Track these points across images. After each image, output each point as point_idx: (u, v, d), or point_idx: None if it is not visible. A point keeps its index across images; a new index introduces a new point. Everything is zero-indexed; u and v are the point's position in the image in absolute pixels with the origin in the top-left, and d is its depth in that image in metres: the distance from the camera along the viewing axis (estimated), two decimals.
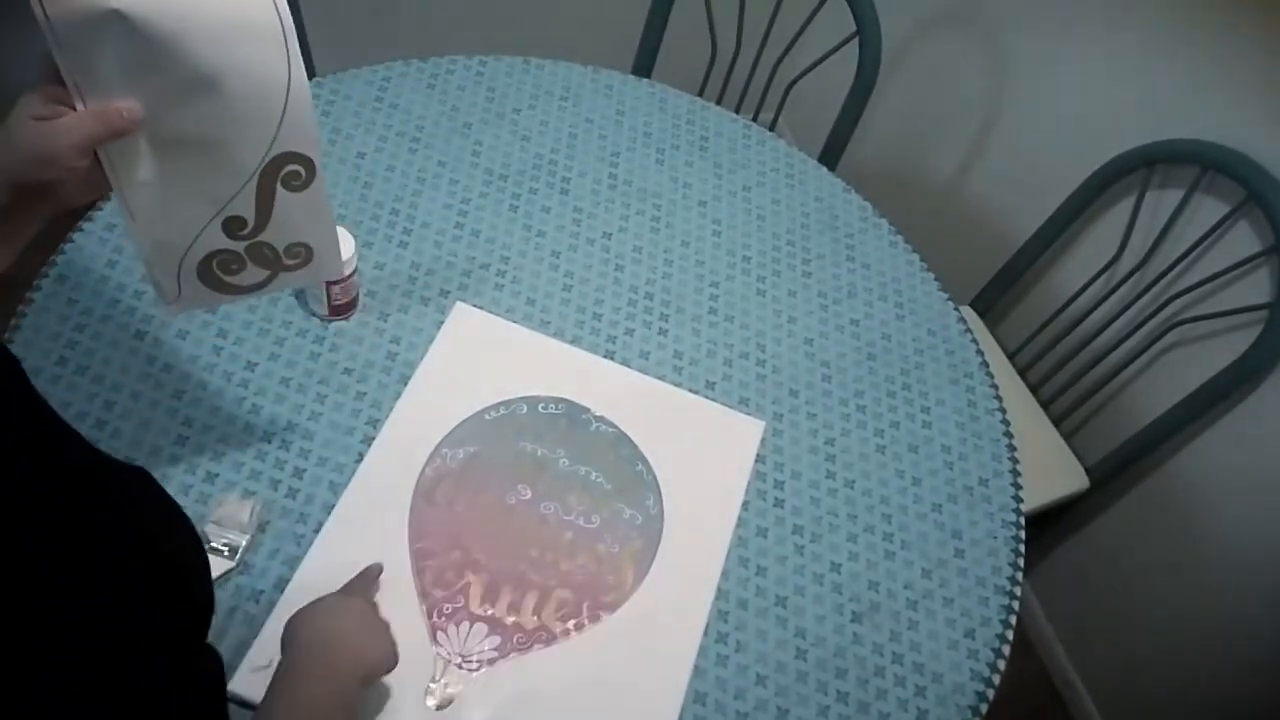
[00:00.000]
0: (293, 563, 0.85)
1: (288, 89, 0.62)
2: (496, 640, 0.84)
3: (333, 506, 0.89)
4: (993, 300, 1.68)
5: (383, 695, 0.79)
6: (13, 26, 1.78)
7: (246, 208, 0.67)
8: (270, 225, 0.69)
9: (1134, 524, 1.57)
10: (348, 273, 0.96)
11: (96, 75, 0.57)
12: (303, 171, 0.66)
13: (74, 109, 0.58)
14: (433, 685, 0.81)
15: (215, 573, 0.82)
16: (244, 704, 0.77)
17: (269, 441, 0.92)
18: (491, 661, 0.83)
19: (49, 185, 0.58)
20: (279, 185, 0.67)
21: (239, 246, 0.70)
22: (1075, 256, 1.60)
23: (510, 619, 0.86)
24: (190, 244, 0.68)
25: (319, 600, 0.72)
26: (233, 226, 0.68)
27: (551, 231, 1.16)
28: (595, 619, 0.87)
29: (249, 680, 0.77)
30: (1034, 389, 1.61)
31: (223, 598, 0.82)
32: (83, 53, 0.56)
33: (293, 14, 1.32)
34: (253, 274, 0.72)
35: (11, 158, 0.57)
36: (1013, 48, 1.69)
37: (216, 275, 0.71)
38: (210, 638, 0.79)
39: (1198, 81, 1.36)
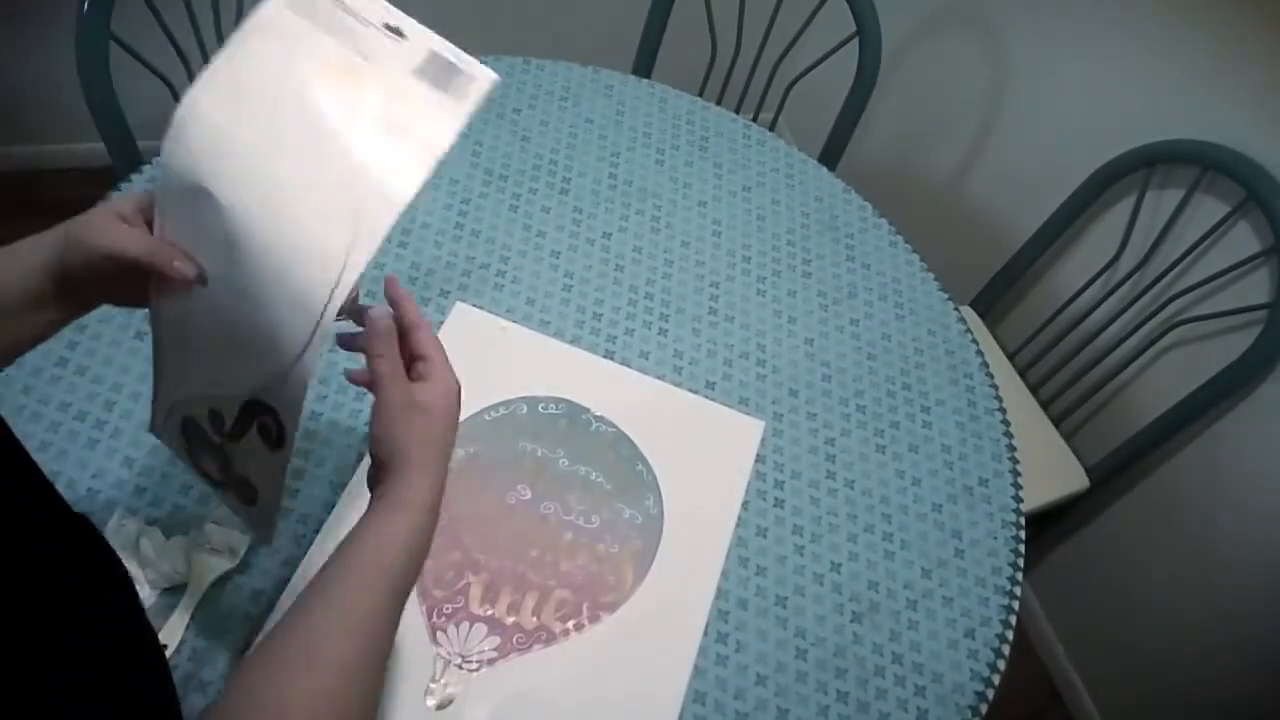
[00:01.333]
0: (293, 563, 0.85)
1: (292, 365, 0.59)
2: (496, 640, 0.84)
3: (333, 506, 0.89)
4: (993, 300, 1.68)
5: (382, 694, 0.79)
6: (12, 31, 1.78)
7: (230, 414, 0.66)
8: (238, 447, 0.67)
9: (1134, 524, 1.57)
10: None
11: (175, 223, 0.59)
12: (272, 428, 0.63)
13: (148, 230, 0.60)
14: (432, 685, 0.81)
15: (215, 573, 0.82)
16: None
17: None
18: (491, 661, 0.83)
19: (86, 281, 0.59)
20: (254, 424, 0.64)
21: (215, 438, 0.68)
22: (1075, 256, 1.60)
23: (510, 619, 0.85)
24: (182, 399, 0.68)
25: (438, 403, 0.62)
26: (215, 420, 0.67)
27: (551, 231, 1.16)
28: (595, 619, 0.87)
29: None
30: (1034, 389, 1.61)
31: (223, 598, 0.82)
32: (174, 201, 0.58)
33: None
34: (212, 468, 0.71)
35: (74, 235, 0.58)
36: (1013, 48, 1.69)
37: (184, 441, 0.71)
38: (211, 638, 0.79)
39: (1198, 81, 1.37)
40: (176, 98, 1.38)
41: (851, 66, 1.49)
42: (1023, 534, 1.03)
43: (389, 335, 0.63)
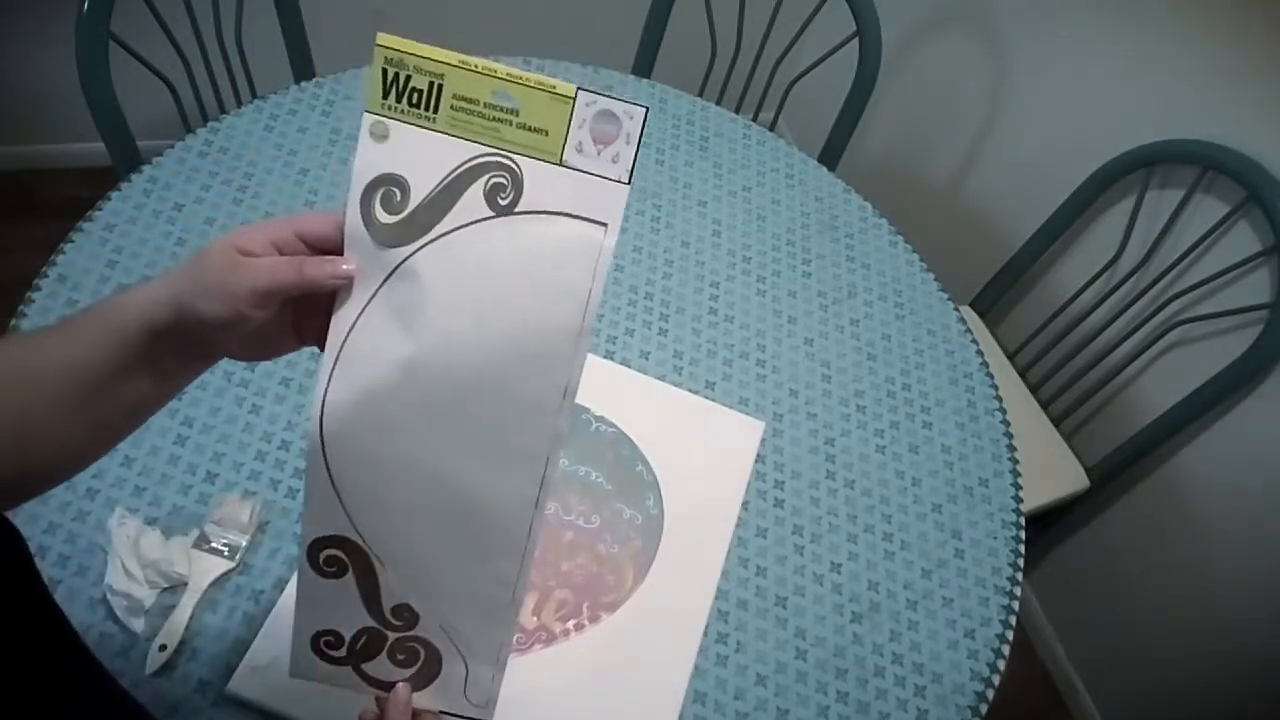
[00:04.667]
0: (292, 563, 0.85)
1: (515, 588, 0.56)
2: None
3: None
4: (993, 300, 1.68)
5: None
6: (12, 29, 1.78)
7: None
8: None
9: (1134, 524, 1.57)
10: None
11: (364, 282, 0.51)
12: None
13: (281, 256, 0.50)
14: None
15: (215, 573, 0.82)
16: (244, 704, 0.77)
17: (269, 441, 0.92)
18: None
19: (205, 327, 0.50)
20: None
21: (394, 624, 0.59)
22: (1075, 256, 1.60)
23: None
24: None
25: None
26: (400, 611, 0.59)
27: None
28: (595, 619, 0.87)
29: (249, 680, 0.77)
30: (1034, 389, 1.61)
31: (223, 598, 0.82)
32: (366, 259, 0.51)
33: (294, 14, 1.33)
34: (386, 667, 0.60)
35: (189, 281, 0.50)
36: (1013, 48, 1.69)
37: (349, 660, 0.60)
38: (210, 638, 0.79)
39: (1198, 81, 1.37)
40: (177, 98, 1.37)
41: (851, 66, 1.49)
42: (1023, 534, 1.03)
43: (405, 707, 0.60)
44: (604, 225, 0.52)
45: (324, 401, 0.51)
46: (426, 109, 0.49)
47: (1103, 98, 1.52)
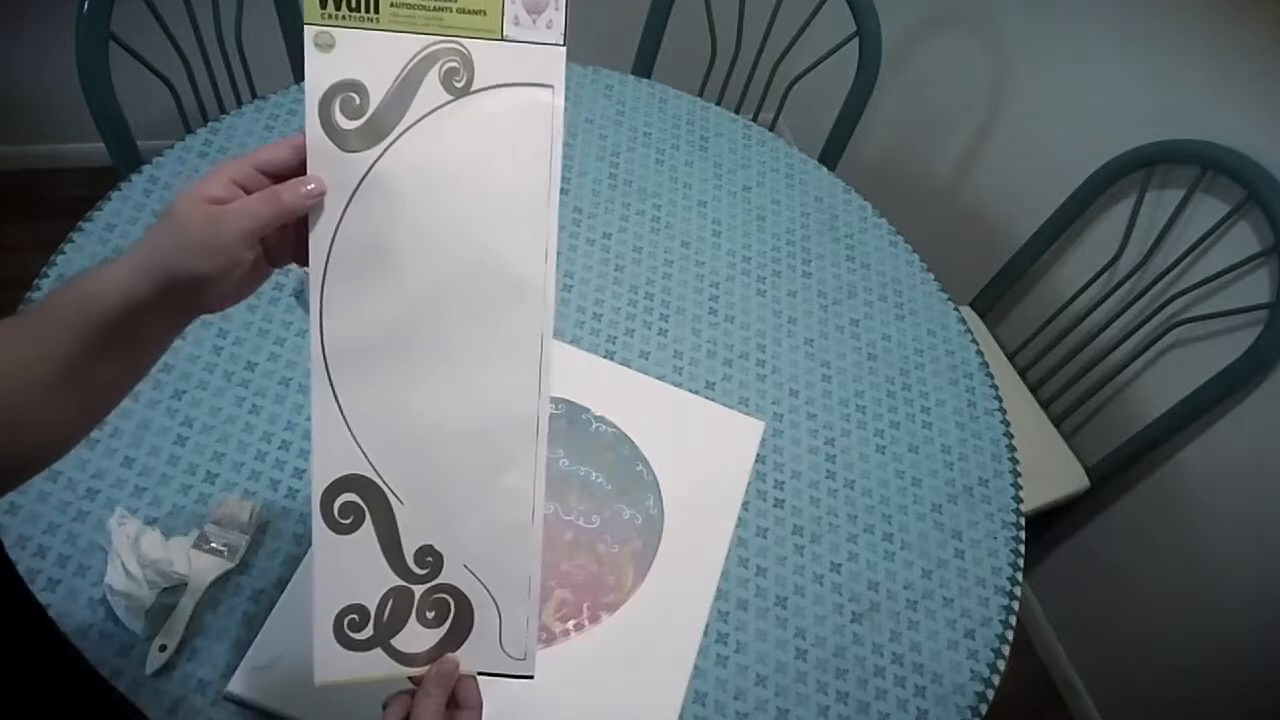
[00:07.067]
0: (293, 563, 0.85)
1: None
2: None
3: None
4: (993, 300, 1.68)
5: (382, 696, 0.79)
6: (12, 28, 1.78)
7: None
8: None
9: (1134, 524, 1.57)
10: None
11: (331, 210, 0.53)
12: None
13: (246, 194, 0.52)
14: None
15: (215, 573, 0.82)
16: (244, 704, 0.77)
17: (269, 441, 0.92)
18: None
19: (200, 283, 0.51)
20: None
21: (418, 573, 0.58)
22: (1075, 256, 1.60)
23: None
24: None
25: None
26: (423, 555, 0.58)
27: None
28: (595, 619, 0.87)
29: (249, 680, 0.77)
30: (1034, 389, 1.61)
31: (223, 598, 0.82)
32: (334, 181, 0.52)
33: (294, 14, 1.33)
34: (418, 631, 0.59)
35: (169, 245, 0.50)
36: (1013, 48, 1.69)
37: (374, 630, 0.58)
38: (211, 638, 0.79)
39: (1198, 81, 1.36)
40: (177, 98, 1.38)
41: (851, 66, 1.49)
42: (1023, 534, 1.03)
43: (447, 678, 0.61)
44: (550, 86, 0.55)
45: (321, 312, 0.53)
46: (368, 11, 0.52)
47: (1103, 98, 1.52)
